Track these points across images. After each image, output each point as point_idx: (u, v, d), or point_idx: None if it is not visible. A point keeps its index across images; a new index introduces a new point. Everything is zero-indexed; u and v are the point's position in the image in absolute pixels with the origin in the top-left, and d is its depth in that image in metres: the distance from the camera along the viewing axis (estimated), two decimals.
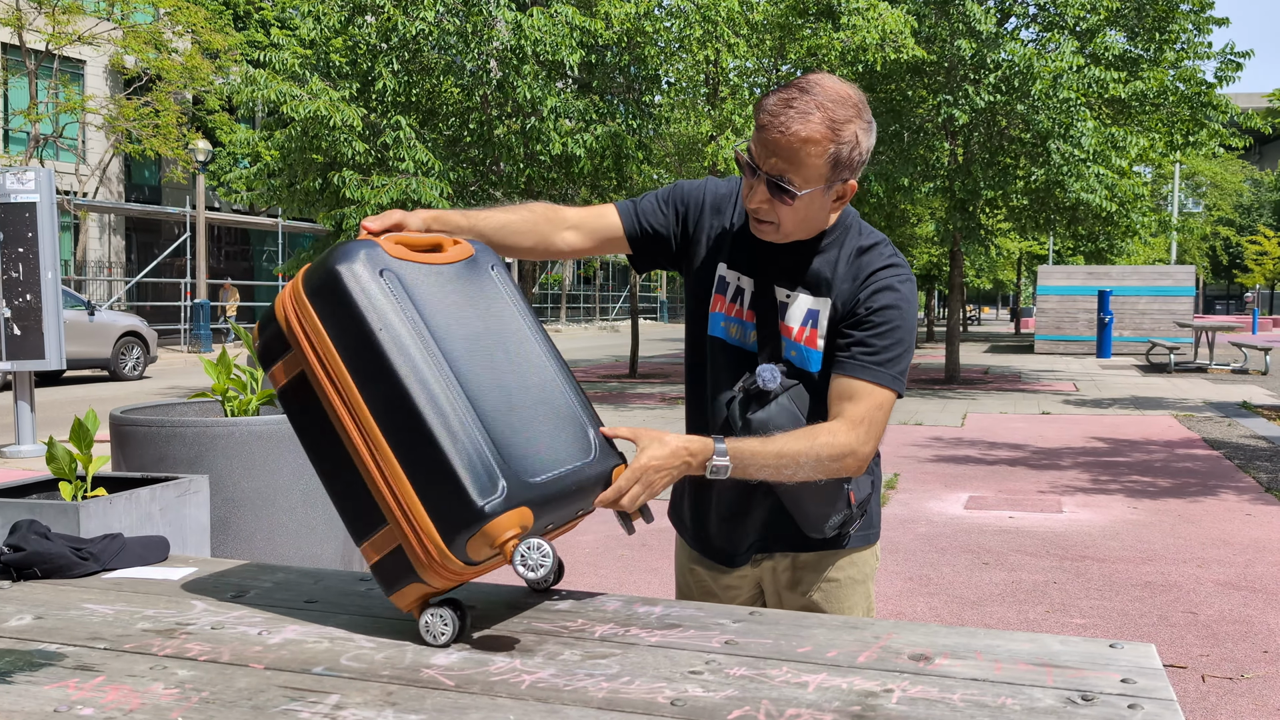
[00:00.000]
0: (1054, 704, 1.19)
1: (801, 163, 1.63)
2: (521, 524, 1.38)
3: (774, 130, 1.62)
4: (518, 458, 1.43)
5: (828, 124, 1.62)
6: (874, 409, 1.68)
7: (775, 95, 1.65)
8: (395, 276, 1.45)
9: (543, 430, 1.50)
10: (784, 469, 1.64)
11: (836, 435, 1.65)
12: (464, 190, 13.06)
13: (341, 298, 1.41)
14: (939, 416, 11.58)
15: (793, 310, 1.77)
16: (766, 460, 1.63)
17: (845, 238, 1.78)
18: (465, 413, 1.41)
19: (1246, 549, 5.63)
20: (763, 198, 1.68)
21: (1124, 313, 22.87)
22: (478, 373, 1.46)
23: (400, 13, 11.97)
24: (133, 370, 16.73)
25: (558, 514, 1.48)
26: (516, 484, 1.40)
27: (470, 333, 1.50)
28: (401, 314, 1.42)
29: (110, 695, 1.23)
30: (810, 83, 1.64)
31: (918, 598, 4.74)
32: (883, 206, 15.07)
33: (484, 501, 1.36)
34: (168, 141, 23.62)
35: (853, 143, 1.65)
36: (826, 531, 1.79)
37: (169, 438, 3.69)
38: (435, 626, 1.42)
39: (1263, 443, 9.48)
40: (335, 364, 1.42)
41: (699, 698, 1.21)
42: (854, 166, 1.68)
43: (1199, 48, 15.50)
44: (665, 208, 1.86)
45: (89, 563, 1.77)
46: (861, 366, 1.69)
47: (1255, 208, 58.82)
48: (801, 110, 1.61)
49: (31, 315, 8.14)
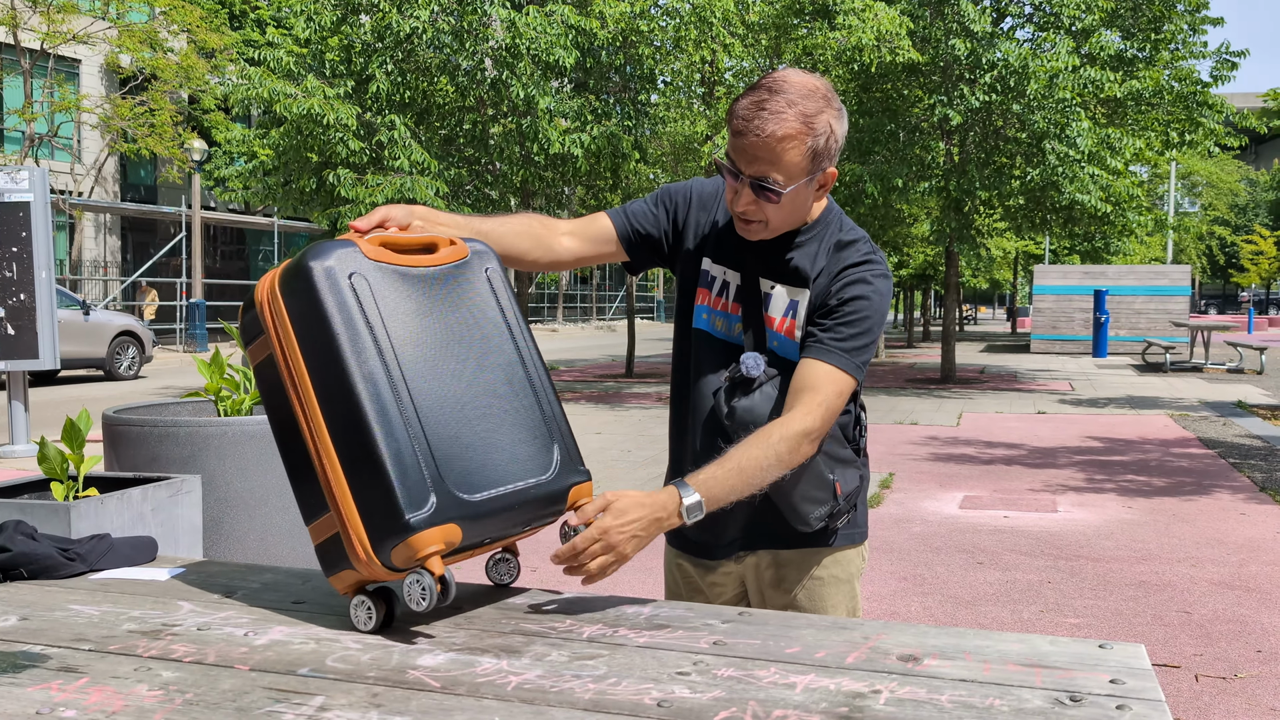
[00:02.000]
0: (1042, 705, 1.18)
1: (782, 161, 1.66)
2: (447, 540, 1.40)
3: (750, 135, 1.65)
4: (458, 472, 1.44)
5: (801, 119, 1.65)
6: (833, 395, 1.70)
7: (745, 99, 1.68)
8: (365, 280, 1.46)
9: (497, 444, 1.50)
10: (751, 480, 1.63)
11: (790, 425, 1.66)
12: (459, 189, 13.05)
13: (308, 294, 1.44)
14: (934, 416, 11.59)
15: (775, 301, 1.80)
16: (729, 479, 1.61)
17: (826, 232, 1.82)
18: (412, 423, 1.42)
19: (1240, 548, 5.63)
20: (748, 200, 1.71)
21: (1120, 312, 22.90)
22: (435, 383, 1.47)
23: (395, 11, 11.96)
24: (128, 370, 16.70)
25: (498, 529, 1.49)
26: (449, 500, 1.41)
27: (436, 341, 1.50)
28: (363, 318, 1.44)
29: (94, 697, 1.22)
30: (776, 81, 1.67)
31: (912, 597, 4.74)
32: (878, 206, 15.06)
33: (411, 514, 1.37)
34: (163, 141, 23.60)
35: (827, 132, 1.68)
36: (813, 524, 1.79)
37: (161, 438, 3.68)
38: (359, 615, 1.46)
39: (1258, 442, 9.49)
40: (295, 355, 1.45)
41: (686, 699, 1.20)
42: (831, 154, 1.71)
43: (1194, 47, 15.52)
44: (655, 209, 1.90)
45: (76, 563, 1.76)
46: (827, 351, 1.72)
47: (1251, 207, 58.92)
48: (774, 110, 1.64)
49: (26, 315, 8.12)
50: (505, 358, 1.57)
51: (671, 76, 15.34)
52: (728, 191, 1.75)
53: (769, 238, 1.78)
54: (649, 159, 14.06)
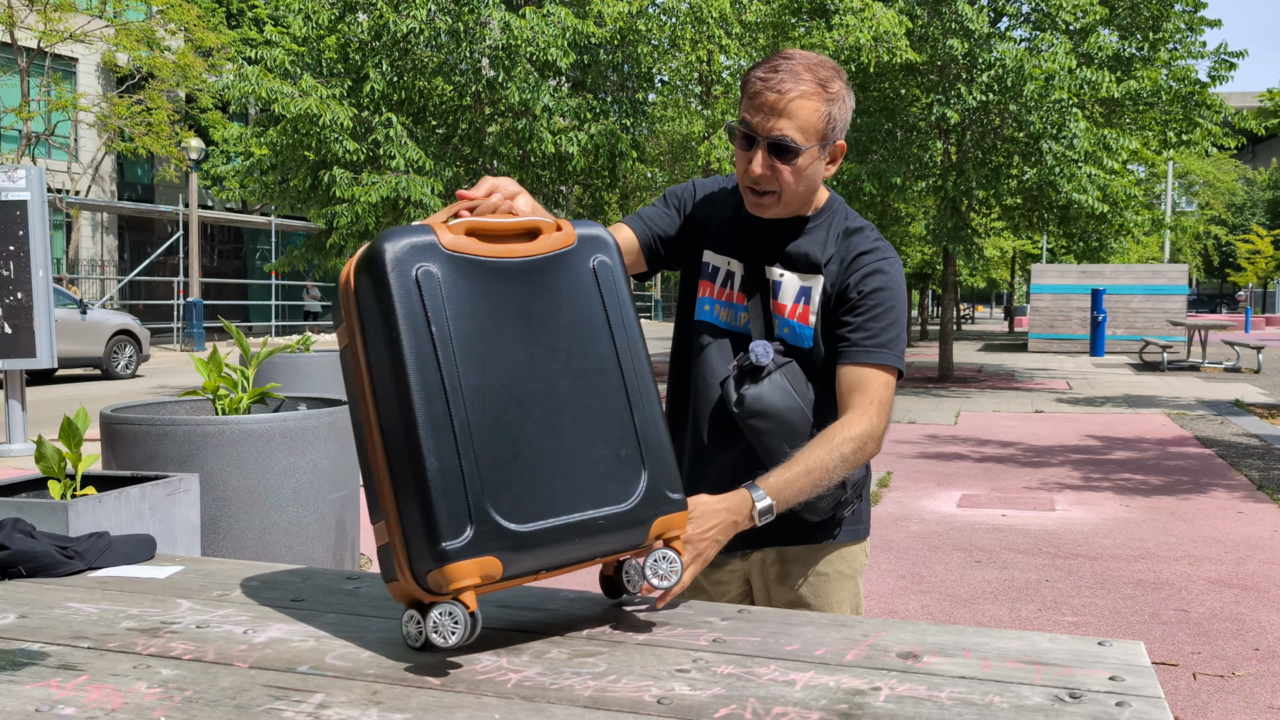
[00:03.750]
0: (1042, 702, 1.18)
1: (799, 117, 1.68)
2: (484, 574, 1.28)
3: (770, 91, 1.67)
4: (510, 497, 1.30)
5: (817, 81, 1.69)
6: (882, 390, 1.73)
7: (759, 67, 1.71)
8: (434, 273, 1.31)
9: (565, 466, 1.35)
10: (819, 482, 1.66)
11: (851, 428, 1.68)
12: (456, 189, 13.03)
13: (372, 284, 1.30)
14: (932, 415, 11.59)
15: (785, 288, 1.81)
16: (798, 481, 1.64)
17: (833, 220, 1.84)
18: (465, 439, 1.28)
19: (1238, 547, 5.64)
20: (764, 164, 1.71)
21: (1117, 311, 22.92)
22: (500, 394, 1.32)
23: (392, 11, 11.95)
24: (125, 369, 16.69)
25: (555, 559, 1.35)
26: (490, 528, 1.28)
27: (511, 344, 1.34)
28: (425, 317, 1.29)
29: (93, 695, 1.22)
30: (788, 54, 1.71)
31: (910, 595, 4.74)
32: (875, 205, 15.07)
33: (446, 542, 1.26)
34: (160, 140, 23.57)
35: (840, 98, 1.71)
36: (821, 512, 1.80)
37: (159, 436, 3.67)
38: (409, 630, 1.34)
39: (1255, 441, 9.50)
40: (360, 349, 1.33)
41: (686, 696, 1.20)
42: (842, 126, 1.74)
43: (1192, 47, 15.52)
44: (666, 209, 1.93)
45: (74, 561, 1.75)
46: (865, 351, 1.74)
47: (1248, 206, 58.96)
48: (791, 71, 1.68)
49: (23, 314, 8.11)
50: (597, 364, 1.40)
51: (669, 75, 15.33)
52: (739, 163, 1.75)
53: (781, 215, 1.79)
54: (646, 158, 14.05)
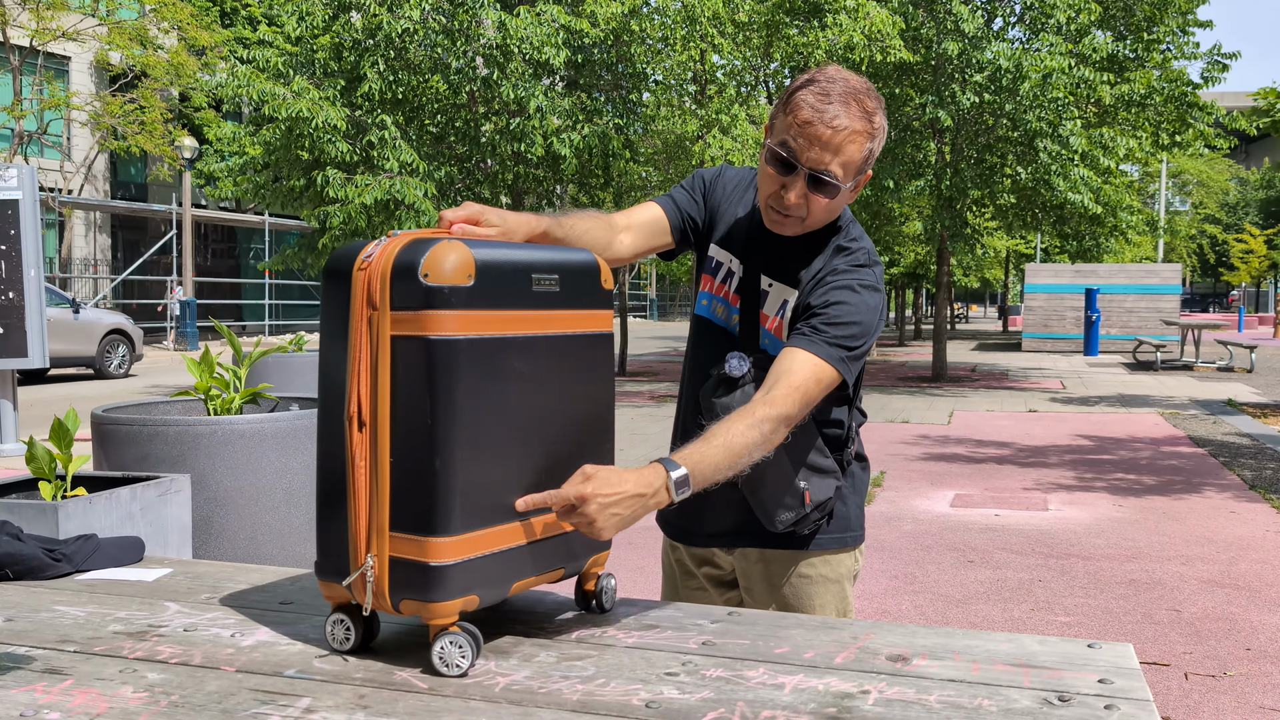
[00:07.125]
0: (1030, 705, 1.18)
1: (844, 155, 1.64)
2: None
3: (821, 125, 1.62)
4: None
5: (864, 116, 1.65)
6: (811, 383, 1.61)
7: (809, 90, 1.64)
8: None
9: None
10: (739, 458, 1.53)
11: (774, 406, 1.57)
12: (449, 189, 13.02)
13: None
14: (926, 414, 11.60)
15: (770, 299, 1.79)
16: (715, 455, 1.51)
17: (834, 236, 1.79)
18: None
19: (1230, 546, 5.65)
20: (800, 193, 1.67)
21: (1111, 311, 22.96)
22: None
23: (385, 11, 11.93)
24: (118, 368, 16.64)
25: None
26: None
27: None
28: None
29: (78, 699, 1.21)
30: (833, 77, 1.66)
31: (903, 596, 4.75)
32: (869, 205, 15.07)
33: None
34: (153, 138, 23.52)
35: (881, 131, 1.69)
36: (778, 526, 1.77)
37: (150, 437, 3.66)
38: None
39: (1247, 440, 9.52)
40: None
41: (674, 700, 1.20)
42: (876, 158, 1.72)
43: (1185, 47, 15.55)
44: (694, 193, 1.90)
45: (62, 564, 1.75)
46: (810, 342, 1.64)
47: (1241, 206, 59.11)
48: (842, 100, 1.63)
49: (14, 313, 8.09)
50: None
51: (663, 75, 15.32)
52: (770, 184, 1.70)
53: (797, 234, 1.75)
54: (640, 157, 14.04)
